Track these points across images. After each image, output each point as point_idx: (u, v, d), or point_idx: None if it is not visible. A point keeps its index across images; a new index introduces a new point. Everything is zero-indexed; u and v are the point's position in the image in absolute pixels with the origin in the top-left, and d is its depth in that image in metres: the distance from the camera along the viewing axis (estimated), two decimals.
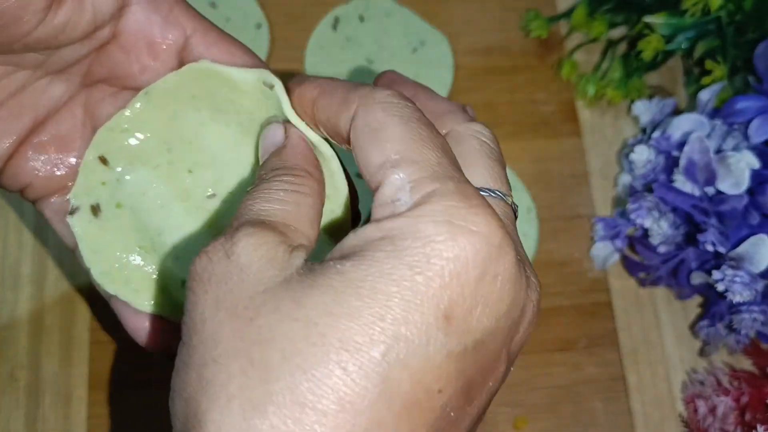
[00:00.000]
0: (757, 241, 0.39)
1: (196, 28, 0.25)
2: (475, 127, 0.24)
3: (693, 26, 0.45)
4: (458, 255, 0.18)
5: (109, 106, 0.27)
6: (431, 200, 0.18)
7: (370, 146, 0.20)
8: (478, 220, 0.18)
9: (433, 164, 0.19)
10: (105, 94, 0.27)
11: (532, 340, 0.44)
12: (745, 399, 0.41)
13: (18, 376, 0.42)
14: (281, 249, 0.19)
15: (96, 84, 0.27)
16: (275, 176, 0.22)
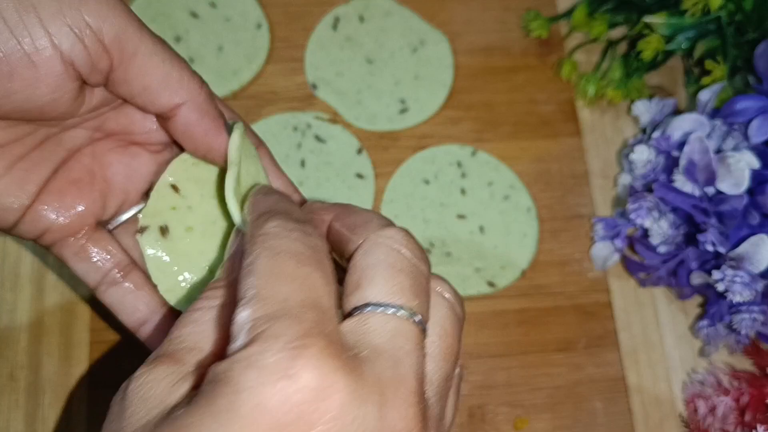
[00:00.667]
0: (757, 241, 0.39)
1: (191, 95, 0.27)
2: (387, 233, 0.23)
3: (693, 26, 0.45)
4: (262, 403, 0.17)
5: (117, 156, 0.29)
6: (256, 342, 0.18)
7: (240, 281, 0.20)
8: (297, 364, 0.17)
9: (280, 301, 0.19)
10: (113, 145, 0.29)
11: (533, 340, 0.44)
12: (746, 399, 0.41)
13: (18, 376, 0.42)
14: (165, 384, 0.20)
15: (107, 137, 0.28)
16: (209, 288, 0.23)
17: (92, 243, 0.28)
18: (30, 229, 0.27)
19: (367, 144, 0.48)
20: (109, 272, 0.28)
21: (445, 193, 0.47)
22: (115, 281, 0.28)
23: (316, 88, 0.49)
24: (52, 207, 0.27)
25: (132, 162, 0.29)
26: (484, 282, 0.45)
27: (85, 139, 0.28)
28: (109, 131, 0.28)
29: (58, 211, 0.28)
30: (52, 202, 0.27)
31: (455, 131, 0.49)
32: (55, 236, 0.28)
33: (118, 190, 0.29)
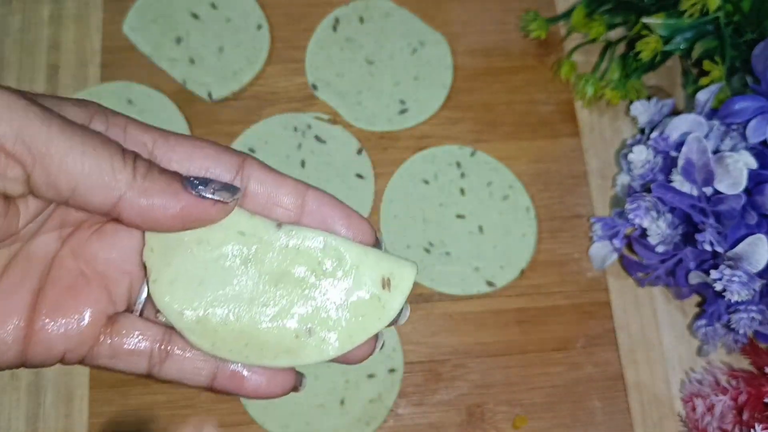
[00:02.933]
0: (754, 240, 0.39)
1: (156, 138, 0.25)
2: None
3: (691, 27, 0.45)
4: None
5: (98, 244, 0.26)
6: None
7: None
8: None
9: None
10: (88, 233, 0.26)
11: (532, 339, 0.44)
12: (743, 398, 0.41)
13: (19, 375, 0.43)
14: None
15: (76, 229, 0.26)
16: None
17: (119, 337, 0.26)
18: (45, 354, 0.25)
19: (367, 144, 0.48)
20: (152, 352, 0.26)
21: (445, 193, 0.47)
22: (163, 357, 0.26)
23: (317, 89, 0.50)
24: (57, 324, 0.25)
25: (116, 241, 0.26)
26: (484, 281, 0.45)
27: (55, 242, 0.25)
28: (75, 222, 0.26)
29: (66, 326, 0.25)
30: (55, 318, 0.25)
31: (454, 132, 0.49)
32: (79, 350, 0.25)
33: (118, 275, 0.26)
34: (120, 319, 0.26)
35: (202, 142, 0.25)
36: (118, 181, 0.23)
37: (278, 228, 0.25)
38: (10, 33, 0.50)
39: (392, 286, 0.24)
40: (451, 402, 0.43)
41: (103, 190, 0.23)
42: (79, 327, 0.25)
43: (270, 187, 0.26)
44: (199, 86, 0.49)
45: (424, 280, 0.45)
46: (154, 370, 0.26)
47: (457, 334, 0.44)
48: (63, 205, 0.24)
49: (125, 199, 0.23)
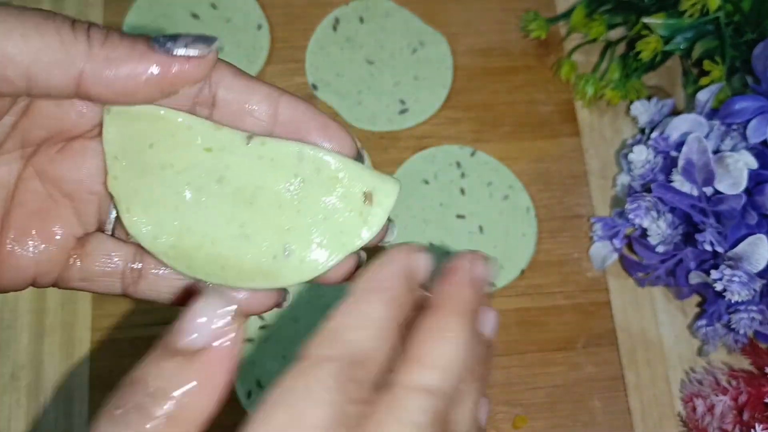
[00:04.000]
0: (755, 240, 0.39)
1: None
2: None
3: (691, 27, 0.45)
4: None
5: (63, 163, 0.24)
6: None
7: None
8: None
9: None
10: (52, 153, 0.24)
11: (532, 339, 0.44)
12: (744, 398, 0.41)
13: (19, 375, 0.43)
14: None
15: (39, 149, 0.24)
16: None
17: (90, 258, 0.25)
18: (15, 278, 0.24)
19: (367, 144, 0.48)
20: (125, 272, 0.25)
21: (445, 193, 0.47)
22: (135, 276, 0.25)
23: (317, 89, 0.50)
24: (25, 248, 0.24)
25: (83, 161, 0.24)
26: None
27: (17, 162, 0.24)
28: (36, 140, 0.24)
29: (34, 249, 0.24)
30: (23, 242, 0.24)
31: (455, 132, 0.49)
32: (50, 274, 0.25)
33: (86, 195, 0.25)
34: (90, 240, 0.25)
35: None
36: (72, 55, 0.20)
37: (249, 140, 0.23)
38: None
39: (374, 202, 0.23)
40: None
41: (59, 69, 0.21)
42: (47, 250, 0.24)
43: (240, 95, 0.23)
44: None
45: None
46: (129, 290, 0.25)
47: None
48: (32, 104, 0.23)
49: (87, 72, 0.21)
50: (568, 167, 0.48)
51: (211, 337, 0.18)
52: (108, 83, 0.21)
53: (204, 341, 0.18)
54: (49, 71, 0.20)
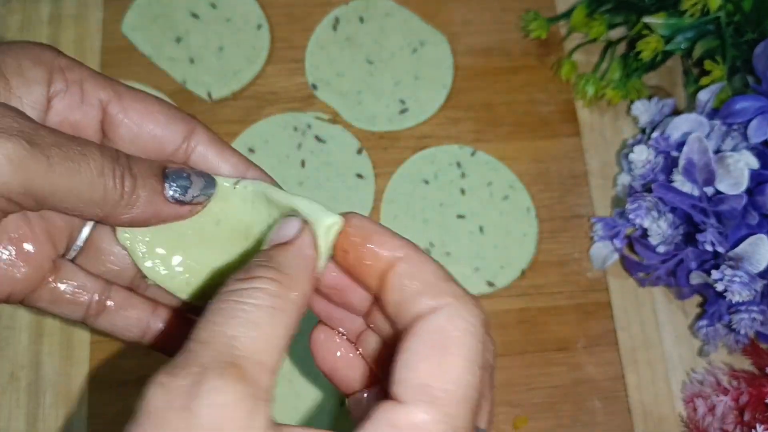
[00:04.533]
0: (756, 240, 0.39)
1: (111, 97, 0.25)
2: (470, 310, 0.21)
3: (692, 27, 0.45)
4: None
5: None
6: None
7: (426, 359, 0.19)
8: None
9: (458, 427, 0.19)
10: None
11: (532, 339, 0.44)
12: (745, 399, 0.41)
13: (19, 375, 0.43)
14: (244, 408, 0.18)
15: None
16: (259, 279, 0.21)
17: (63, 285, 0.26)
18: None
19: (367, 144, 0.48)
20: (90, 304, 0.27)
21: (445, 193, 0.47)
22: (100, 309, 0.27)
23: (317, 89, 0.50)
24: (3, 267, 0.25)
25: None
26: (484, 281, 0.45)
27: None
28: None
29: (11, 270, 0.25)
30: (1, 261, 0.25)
31: (455, 131, 0.49)
32: (22, 293, 0.26)
33: (60, 221, 0.27)
34: (64, 266, 0.27)
35: (154, 106, 0.26)
36: (107, 201, 0.24)
37: (235, 185, 0.26)
38: (10, 33, 0.50)
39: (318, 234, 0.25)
40: None
41: (93, 208, 0.24)
42: (23, 271, 0.25)
43: (212, 159, 0.26)
44: (199, 86, 0.49)
45: None
46: (89, 320, 0.27)
47: None
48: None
49: (112, 214, 0.24)
50: (569, 167, 0.48)
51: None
52: (121, 222, 0.25)
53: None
54: (86, 208, 0.24)
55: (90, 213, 0.24)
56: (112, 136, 0.25)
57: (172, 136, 0.26)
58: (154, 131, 0.25)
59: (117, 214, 0.24)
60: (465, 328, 0.20)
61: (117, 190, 0.24)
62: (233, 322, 0.19)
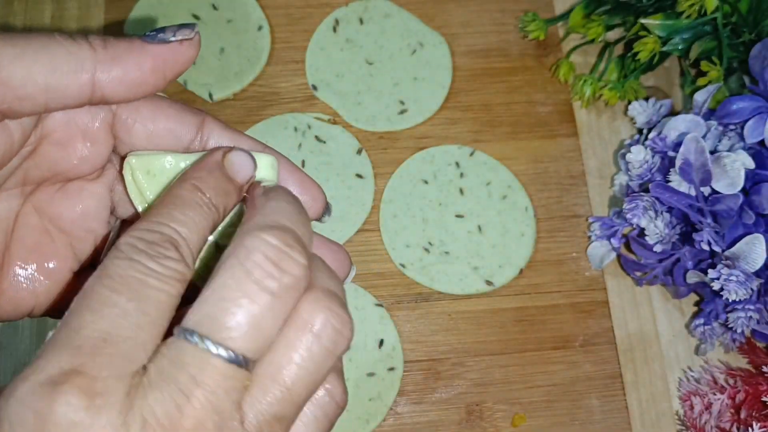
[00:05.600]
0: (752, 240, 0.39)
1: None
2: (268, 238, 0.20)
3: (689, 28, 0.45)
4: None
5: (62, 202, 0.26)
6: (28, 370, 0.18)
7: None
8: (51, 399, 0.18)
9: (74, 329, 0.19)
10: (51, 192, 0.26)
11: (530, 338, 0.45)
12: (741, 397, 0.41)
13: None
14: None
15: (38, 187, 0.26)
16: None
17: None
18: (13, 311, 0.26)
19: (366, 144, 0.49)
20: None
21: (444, 193, 0.48)
22: None
23: (317, 90, 0.50)
24: (24, 282, 0.25)
25: (80, 201, 0.26)
26: (482, 280, 0.46)
27: (17, 199, 0.25)
28: (37, 180, 0.25)
29: (33, 283, 0.25)
30: (22, 276, 0.25)
31: (454, 132, 0.49)
32: (47, 303, 0.26)
33: (82, 233, 0.26)
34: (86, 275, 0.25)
35: (164, 102, 0.26)
36: (81, 59, 0.23)
37: None
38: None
39: None
40: (450, 400, 0.43)
41: (72, 76, 0.22)
42: (45, 284, 0.25)
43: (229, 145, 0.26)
44: (200, 87, 0.50)
45: (423, 279, 0.45)
46: None
47: (456, 333, 0.45)
48: (37, 147, 0.24)
49: (99, 76, 0.23)
50: (567, 167, 0.49)
51: None
52: (119, 80, 0.23)
53: None
54: (64, 80, 0.22)
55: (73, 84, 0.23)
56: (127, 138, 0.25)
57: (186, 128, 0.26)
58: (167, 126, 0.26)
59: (104, 72, 0.23)
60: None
61: (84, 46, 0.23)
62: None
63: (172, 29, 0.25)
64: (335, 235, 0.46)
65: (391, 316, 0.45)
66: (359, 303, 0.45)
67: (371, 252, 0.46)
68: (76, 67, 0.22)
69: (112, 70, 0.23)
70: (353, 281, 0.45)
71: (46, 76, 0.22)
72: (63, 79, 0.22)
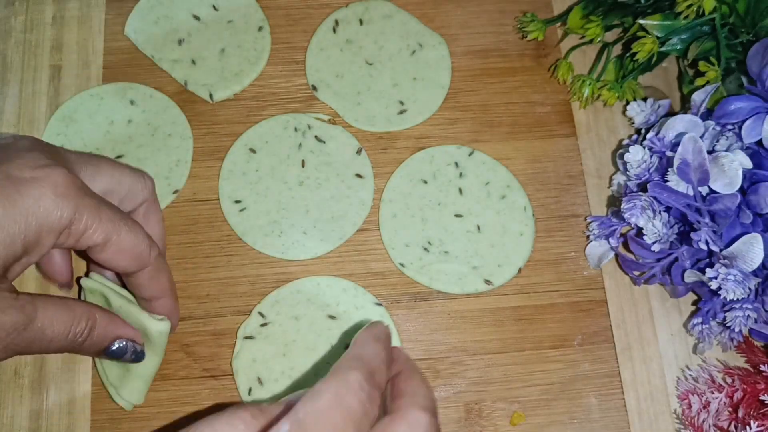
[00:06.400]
0: (749, 239, 0.39)
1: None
2: (418, 417, 0.27)
3: (687, 28, 0.46)
4: None
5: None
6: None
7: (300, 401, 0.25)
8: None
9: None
10: None
11: (529, 337, 0.45)
12: (739, 395, 0.41)
13: (22, 372, 0.43)
14: None
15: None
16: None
17: None
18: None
19: (366, 144, 0.49)
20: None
21: (443, 193, 0.48)
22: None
23: (317, 90, 0.50)
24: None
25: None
26: (481, 280, 0.46)
27: None
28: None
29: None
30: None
31: (453, 132, 0.49)
32: None
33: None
34: None
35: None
36: (68, 344, 0.36)
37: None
38: (14, 34, 0.51)
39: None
40: (449, 399, 0.43)
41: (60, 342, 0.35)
42: None
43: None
44: (201, 87, 0.50)
45: (422, 278, 0.46)
46: None
47: (455, 332, 0.45)
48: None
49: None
50: (565, 167, 0.49)
51: None
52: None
53: None
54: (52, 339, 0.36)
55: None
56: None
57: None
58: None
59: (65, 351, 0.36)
60: None
61: (76, 339, 0.36)
62: None
63: (128, 359, 0.39)
64: (335, 234, 0.46)
65: (390, 315, 0.45)
66: (359, 302, 0.45)
67: (371, 251, 0.46)
68: (61, 343, 0.36)
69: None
70: (353, 281, 0.46)
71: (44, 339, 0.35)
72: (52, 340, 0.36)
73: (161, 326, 0.40)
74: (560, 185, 0.48)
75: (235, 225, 0.47)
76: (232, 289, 0.45)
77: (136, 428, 0.42)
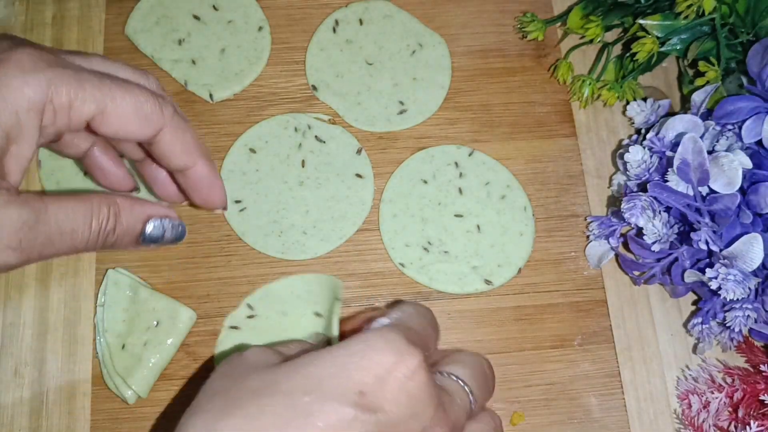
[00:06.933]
0: (749, 239, 0.39)
1: (93, 113, 0.32)
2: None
3: (687, 28, 0.46)
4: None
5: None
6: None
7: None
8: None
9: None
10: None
11: (529, 337, 0.45)
12: (739, 395, 0.41)
13: (23, 372, 0.43)
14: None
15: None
16: None
17: None
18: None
19: (366, 144, 0.49)
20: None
21: (443, 193, 0.48)
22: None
23: (317, 90, 0.50)
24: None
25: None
26: (481, 280, 0.46)
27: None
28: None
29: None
30: None
31: (453, 132, 0.49)
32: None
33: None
34: None
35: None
36: (94, 241, 0.33)
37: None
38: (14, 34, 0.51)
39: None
40: None
41: (83, 243, 0.32)
42: None
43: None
44: (201, 87, 0.50)
45: (422, 278, 0.46)
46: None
47: (455, 331, 0.45)
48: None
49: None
50: (565, 167, 0.49)
51: None
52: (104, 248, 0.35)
53: None
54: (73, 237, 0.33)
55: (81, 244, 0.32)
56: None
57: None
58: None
59: (102, 246, 0.33)
60: None
61: (102, 228, 0.32)
62: None
63: (168, 239, 0.36)
64: (335, 234, 0.46)
65: None
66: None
67: (371, 251, 0.47)
68: (85, 244, 0.33)
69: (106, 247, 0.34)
70: (353, 281, 0.46)
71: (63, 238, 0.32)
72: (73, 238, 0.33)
73: (190, 313, 0.43)
74: (560, 185, 0.48)
75: (235, 225, 0.47)
76: (232, 289, 0.45)
77: (136, 428, 0.42)
